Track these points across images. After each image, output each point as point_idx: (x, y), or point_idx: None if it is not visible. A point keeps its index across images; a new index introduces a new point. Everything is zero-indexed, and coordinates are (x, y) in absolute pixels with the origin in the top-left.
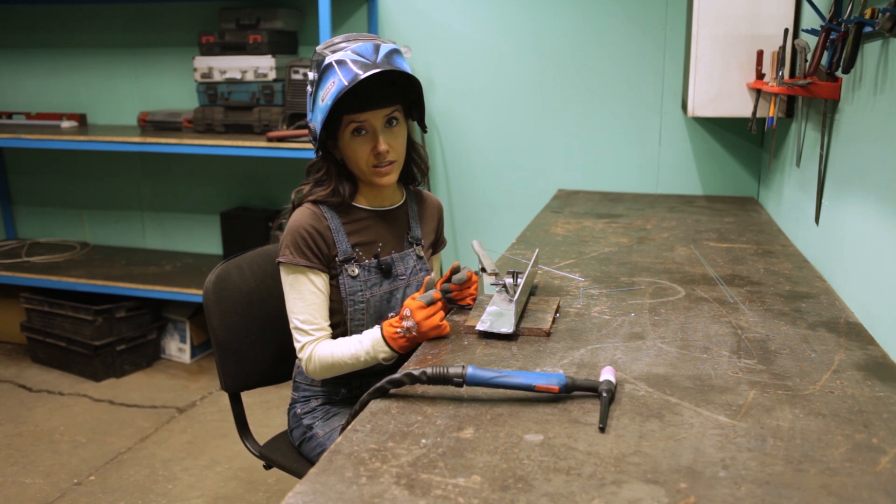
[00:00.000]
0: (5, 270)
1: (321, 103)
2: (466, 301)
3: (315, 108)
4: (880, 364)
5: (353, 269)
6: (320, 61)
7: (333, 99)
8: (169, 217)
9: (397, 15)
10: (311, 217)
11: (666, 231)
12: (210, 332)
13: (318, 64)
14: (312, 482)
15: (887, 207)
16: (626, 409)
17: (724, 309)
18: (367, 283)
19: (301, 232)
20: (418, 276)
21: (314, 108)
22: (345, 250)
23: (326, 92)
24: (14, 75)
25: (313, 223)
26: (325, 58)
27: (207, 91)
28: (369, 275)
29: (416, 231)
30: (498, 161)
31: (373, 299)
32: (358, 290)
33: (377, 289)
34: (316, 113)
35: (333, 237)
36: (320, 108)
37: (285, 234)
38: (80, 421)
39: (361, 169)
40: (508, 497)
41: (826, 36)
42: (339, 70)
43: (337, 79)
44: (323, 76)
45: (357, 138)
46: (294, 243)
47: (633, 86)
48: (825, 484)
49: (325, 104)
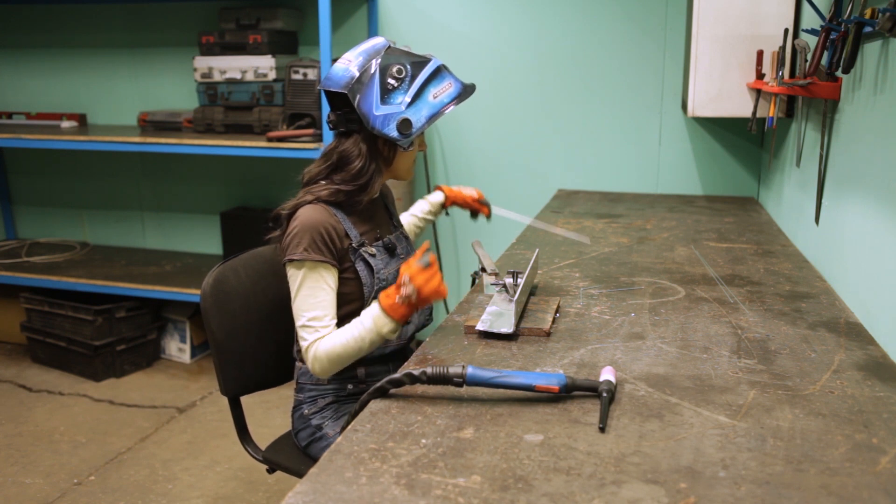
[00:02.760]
0: (5, 270)
1: (432, 99)
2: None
3: (419, 102)
4: (880, 364)
5: (371, 250)
6: (418, 61)
7: (452, 99)
8: (169, 217)
9: (397, 15)
10: (324, 213)
11: (666, 231)
12: (208, 336)
13: (415, 63)
14: (312, 482)
15: (887, 207)
16: (626, 409)
17: (724, 309)
18: (383, 260)
19: (319, 228)
20: (409, 253)
21: (415, 102)
22: (356, 236)
23: (442, 91)
24: (14, 75)
25: (327, 219)
26: (426, 59)
27: (207, 91)
28: (382, 254)
29: (397, 214)
30: (498, 161)
31: (390, 277)
32: (382, 268)
33: (391, 266)
34: (420, 107)
35: (345, 228)
36: (432, 104)
37: (300, 231)
38: (80, 421)
39: (406, 169)
40: (508, 497)
41: (826, 36)
42: (450, 77)
43: (453, 81)
44: (437, 76)
45: (418, 139)
46: (311, 240)
47: (633, 86)
48: (825, 484)
49: (439, 101)
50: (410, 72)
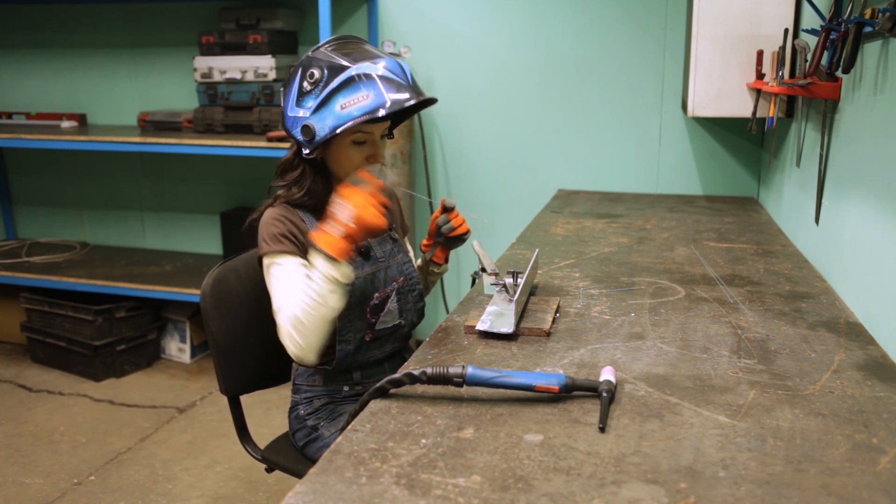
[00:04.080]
0: (5, 270)
1: (339, 110)
2: (461, 230)
3: (324, 110)
4: (880, 364)
5: None
6: (337, 66)
7: (364, 113)
8: (169, 217)
9: (397, 15)
10: (284, 210)
11: (666, 231)
12: (208, 336)
13: (333, 68)
14: (312, 482)
15: (887, 207)
16: (626, 409)
17: (724, 309)
18: (351, 265)
19: (273, 223)
20: (398, 258)
21: (321, 109)
22: None
23: (352, 102)
24: (14, 75)
25: (286, 214)
26: (345, 66)
27: (207, 91)
28: (351, 258)
29: (396, 217)
30: (498, 161)
31: (357, 281)
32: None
33: (359, 271)
34: (324, 116)
35: (308, 227)
36: (338, 114)
37: (260, 231)
38: (80, 421)
39: (348, 172)
40: (508, 497)
41: (826, 36)
42: (381, 84)
43: (372, 93)
44: (349, 85)
45: (356, 147)
46: (270, 234)
47: (633, 86)
48: (825, 484)
49: (347, 112)
50: (326, 77)
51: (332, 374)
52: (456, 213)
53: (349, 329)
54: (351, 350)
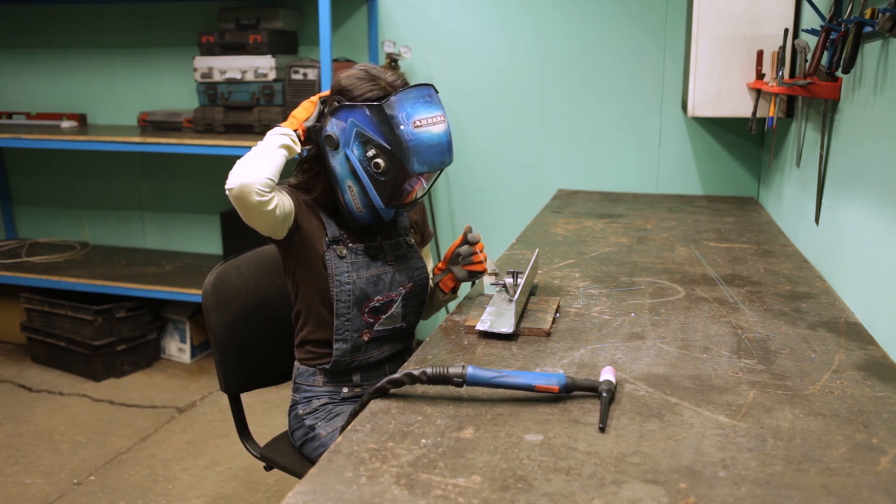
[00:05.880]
0: (5, 270)
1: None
2: (477, 267)
3: (394, 141)
4: (880, 364)
5: (341, 251)
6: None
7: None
8: (169, 217)
9: (397, 15)
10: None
11: (666, 231)
12: (209, 334)
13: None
14: (312, 482)
15: (887, 207)
16: (626, 409)
17: (724, 309)
18: (353, 265)
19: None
20: (408, 263)
21: (391, 139)
22: (333, 232)
23: (407, 155)
24: (14, 75)
25: (303, 196)
26: (402, 121)
27: (207, 91)
28: (356, 257)
29: (404, 221)
30: (498, 161)
31: (359, 281)
32: (344, 272)
33: (364, 272)
34: (390, 142)
35: (323, 221)
36: (403, 146)
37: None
38: (80, 421)
39: None
40: (508, 497)
41: (826, 36)
42: (421, 152)
43: (421, 156)
44: (409, 144)
45: None
46: (286, 186)
47: (633, 86)
48: (825, 484)
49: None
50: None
51: (332, 376)
52: (481, 248)
53: (346, 328)
54: (347, 349)
